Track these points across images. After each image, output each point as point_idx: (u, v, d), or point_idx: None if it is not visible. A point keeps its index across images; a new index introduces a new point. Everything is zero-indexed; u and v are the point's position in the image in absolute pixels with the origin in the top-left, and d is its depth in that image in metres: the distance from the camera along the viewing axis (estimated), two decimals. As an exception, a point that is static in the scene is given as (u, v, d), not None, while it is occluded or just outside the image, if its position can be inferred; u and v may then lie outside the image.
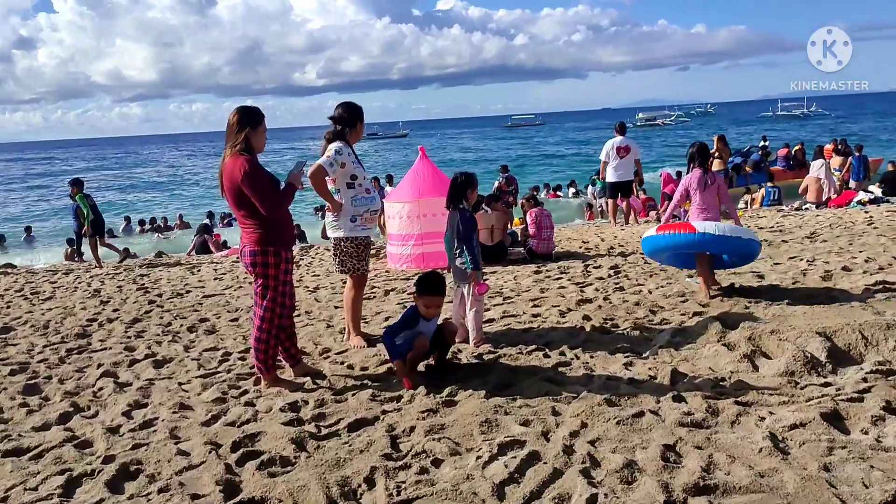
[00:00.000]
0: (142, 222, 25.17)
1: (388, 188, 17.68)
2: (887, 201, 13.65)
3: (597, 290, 7.32)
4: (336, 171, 5.28)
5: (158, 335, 6.71)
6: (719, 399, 3.98)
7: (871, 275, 6.96)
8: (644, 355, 4.98)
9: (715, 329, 5.24)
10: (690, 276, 7.41)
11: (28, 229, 25.54)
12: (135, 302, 8.61)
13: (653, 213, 15.63)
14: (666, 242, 6.47)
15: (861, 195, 13.78)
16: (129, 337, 6.70)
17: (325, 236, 4.96)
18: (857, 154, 18.00)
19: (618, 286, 7.42)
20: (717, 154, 13.46)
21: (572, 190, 25.94)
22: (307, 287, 8.91)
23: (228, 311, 7.69)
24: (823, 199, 14.22)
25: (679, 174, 17.06)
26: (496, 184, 17.82)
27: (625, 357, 4.93)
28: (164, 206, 33.48)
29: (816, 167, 14.39)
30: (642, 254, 9.51)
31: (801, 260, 8.14)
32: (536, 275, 8.56)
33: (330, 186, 5.41)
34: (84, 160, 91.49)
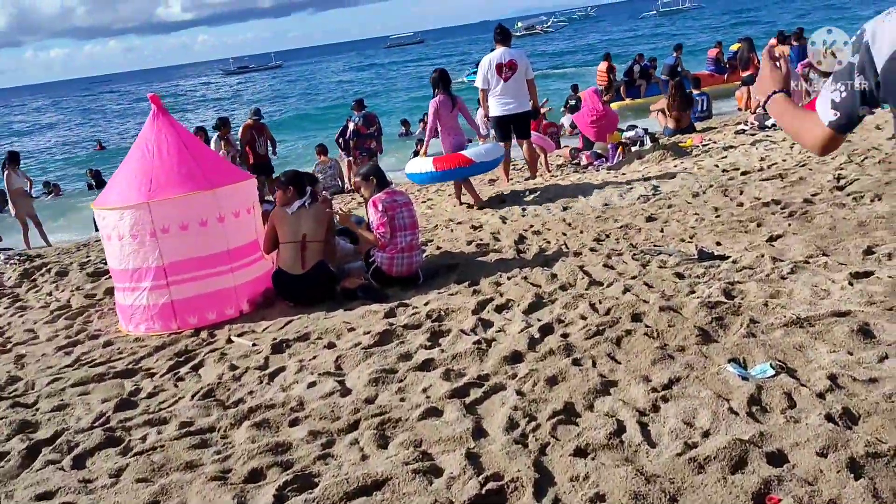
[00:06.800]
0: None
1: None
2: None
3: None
4: None
5: None
6: None
7: None
8: None
9: None
10: None
11: None
12: None
13: (566, 151, 11.30)
14: (449, 178, 7.66)
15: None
16: None
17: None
18: (794, 43, 14.36)
19: (604, 380, 3.12)
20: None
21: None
22: None
23: None
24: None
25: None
26: (351, 126, 12.92)
27: None
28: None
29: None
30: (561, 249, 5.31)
31: None
32: (392, 343, 4.14)
33: None
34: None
